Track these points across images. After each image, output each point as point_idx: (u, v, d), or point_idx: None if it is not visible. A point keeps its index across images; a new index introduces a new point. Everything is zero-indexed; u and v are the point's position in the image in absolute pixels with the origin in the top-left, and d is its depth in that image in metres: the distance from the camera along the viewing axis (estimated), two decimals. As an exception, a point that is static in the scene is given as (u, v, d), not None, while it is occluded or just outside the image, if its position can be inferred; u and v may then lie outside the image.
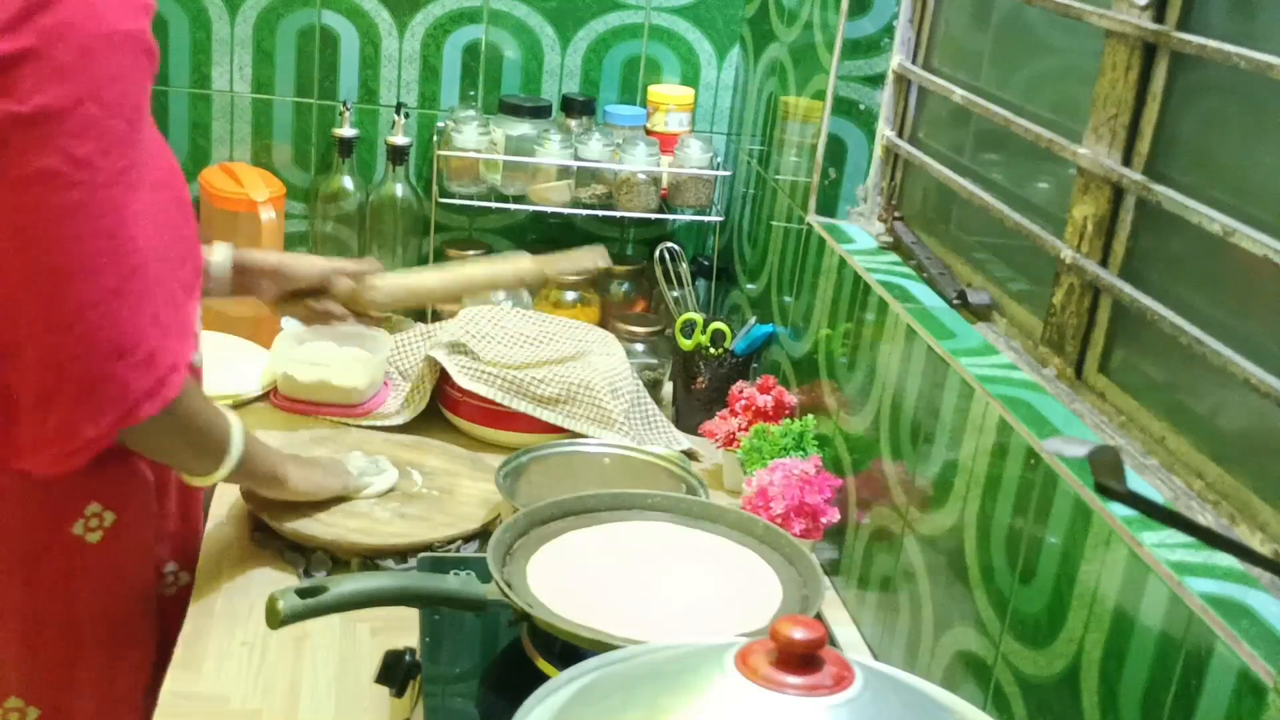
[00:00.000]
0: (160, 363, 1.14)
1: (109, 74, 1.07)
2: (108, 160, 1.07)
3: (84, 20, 1.05)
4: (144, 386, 1.13)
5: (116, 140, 1.08)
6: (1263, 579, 0.93)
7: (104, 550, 1.27)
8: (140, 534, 1.31)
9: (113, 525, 1.27)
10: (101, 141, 1.07)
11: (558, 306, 2.13)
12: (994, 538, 1.19)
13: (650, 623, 1.11)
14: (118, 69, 1.08)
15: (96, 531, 1.26)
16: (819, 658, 0.75)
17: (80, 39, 1.05)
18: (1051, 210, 1.35)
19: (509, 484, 1.53)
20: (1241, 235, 1.00)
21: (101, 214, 1.08)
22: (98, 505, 1.26)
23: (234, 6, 2.10)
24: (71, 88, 1.05)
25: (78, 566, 1.26)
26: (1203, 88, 1.14)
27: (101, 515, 1.26)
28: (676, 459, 1.64)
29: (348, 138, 2.10)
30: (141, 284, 1.12)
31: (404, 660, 1.19)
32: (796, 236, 1.83)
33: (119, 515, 1.28)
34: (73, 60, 1.05)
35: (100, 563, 1.27)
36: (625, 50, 2.21)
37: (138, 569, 1.33)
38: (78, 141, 1.06)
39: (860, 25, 1.71)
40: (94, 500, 1.26)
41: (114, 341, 1.10)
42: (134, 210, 1.11)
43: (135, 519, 1.30)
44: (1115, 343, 1.23)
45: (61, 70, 1.04)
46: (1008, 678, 1.14)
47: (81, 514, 1.25)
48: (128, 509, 1.29)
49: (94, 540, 1.26)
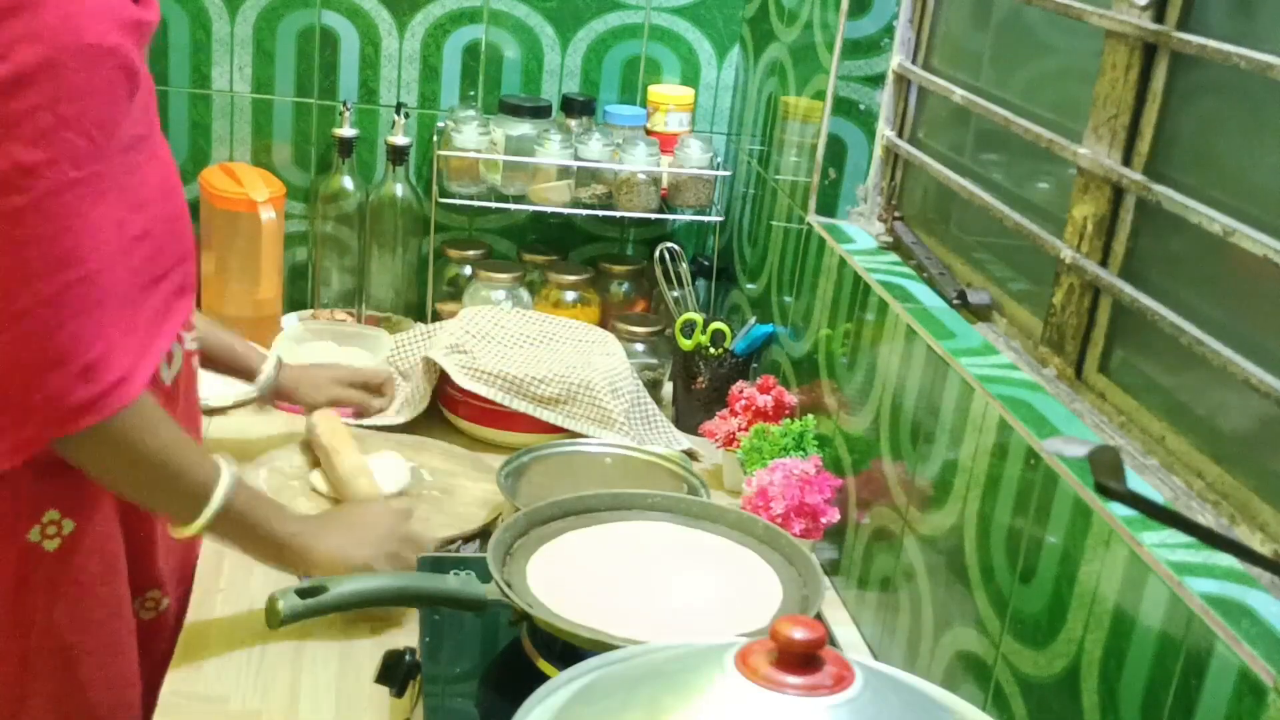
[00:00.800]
0: (102, 376, 1.12)
1: (74, 87, 1.06)
2: (55, 171, 1.06)
3: (57, 31, 1.05)
4: (81, 397, 1.11)
5: (69, 153, 1.07)
6: (1263, 579, 0.93)
7: (61, 559, 1.23)
8: (103, 545, 1.27)
9: (71, 534, 1.23)
10: (51, 152, 1.06)
11: (558, 306, 2.13)
12: (994, 538, 1.19)
13: (650, 623, 1.11)
14: (85, 84, 1.07)
15: (54, 539, 1.22)
16: (819, 658, 0.75)
17: (47, 49, 1.04)
18: (1051, 210, 1.35)
19: (510, 484, 1.53)
20: (1241, 235, 1.00)
21: (41, 222, 1.07)
22: (56, 513, 1.22)
23: (234, 6, 2.10)
24: (30, 95, 1.04)
25: (32, 574, 1.23)
26: (1203, 88, 1.14)
27: (60, 523, 1.22)
28: (678, 459, 1.64)
29: (348, 138, 2.10)
30: (89, 295, 1.10)
31: (404, 660, 1.19)
32: (796, 236, 1.83)
33: (78, 524, 1.24)
34: (35, 68, 1.04)
35: (57, 571, 1.24)
36: (625, 50, 2.21)
37: (100, 581, 1.28)
38: (27, 149, 1.05)
39: (860, 25, 1.71)
40: (53, 507, 1.22)
41: (47, 350, 1.09)
42: (88, 222, 1.09)
43: (97, 530, 1.26)
44: (1115, 343, 1.23)
45: (21, 78, 1.04)
46: (1008, 678, 1.14)
47: (39, 520, 1.21)
48: (89, 519, 1.25)
49: (51, 548, 1.22)
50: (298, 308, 2.21)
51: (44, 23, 1.04)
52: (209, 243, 2.07)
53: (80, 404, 1.12)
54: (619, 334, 2.01)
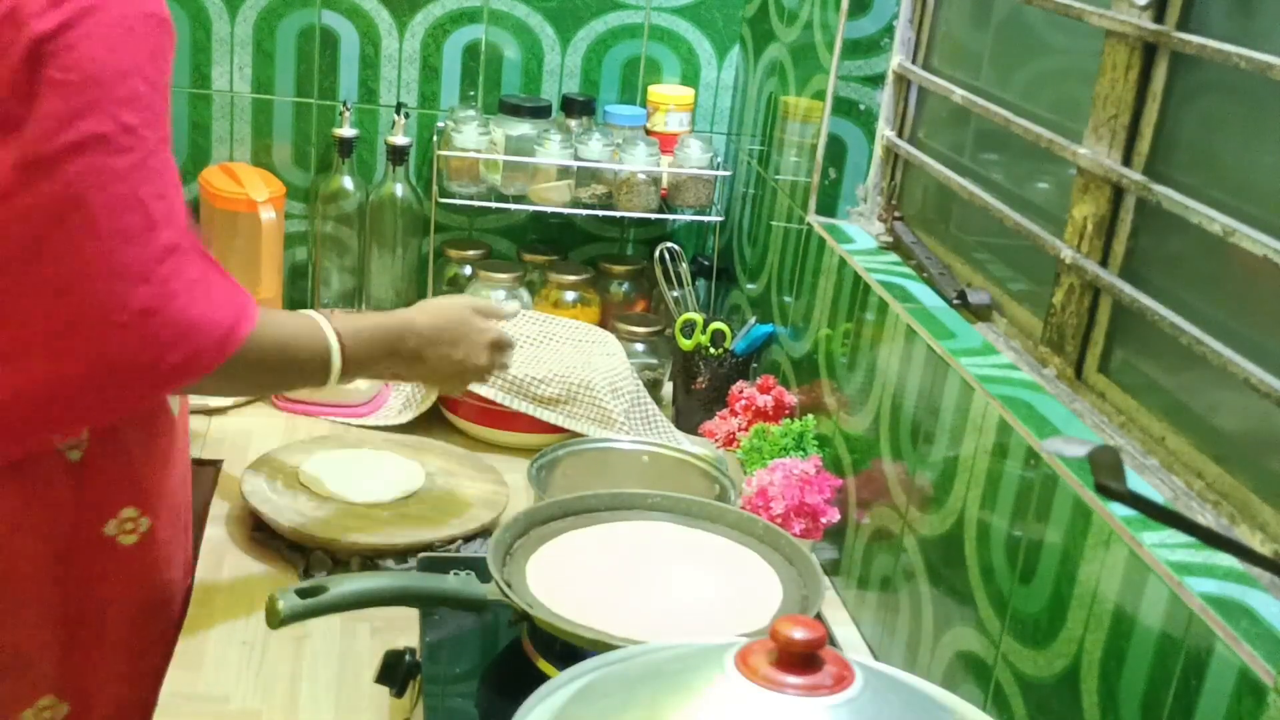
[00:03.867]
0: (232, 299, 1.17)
1: (149, 50, 1.11)
2: (151, 130, 1.11)
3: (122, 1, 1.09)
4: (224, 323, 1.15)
5: (157, 114, 1.12)
6: (1263, 579, 0.93)
7: (136, 554, 1.27)
8: (172, 540, 1.32)
9: (148, 531, 1.28)
10: (144, 113, 1.10)
11: (558, 306, 2.13)
12: (994, 538, 1.19)
13: (650, 623, 1.11)
14: (157, 46, 1.12)
15: (131, 535, 1.26)
16: (819, 658, 0.75)
17: (123, 16, 1.09)
18: (1051, 210, 1.35)
19: (542, 477, 1.52)
20: (1241, 235, 1.00)
21: (152, 177, 1.11)
22: (134, 510, 1.26)
23: (234, 6, 2.10)
24: (119, 59, 1.08)
25: (110, 570, 1.26)
26: (1203, 88, 1.14)
27: (137, 520, 1.26)
28: (713, 459, 1.63)
29: (348, 138, 2.10)
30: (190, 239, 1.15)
31: (404, 660, 1.19)
32: (796, 236, 1.83)
33: (154, 522, 1.28)
34: (119, 35, 1.08)
35: (131, 567, 1.28)
36: (625, 50, 2.21)
37: (167, 576, 1.33)
38: (126, 110, 1.09)
39: (860, 25, 1.71)
40: (130, 504, 1.26)
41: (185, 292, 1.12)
42: (173, 174, 1.15)
43: (169, 526, 1.31)
44: (1115, 343, 1.23)
45: (109, 43, 1.08)
46: (1008, 678, 1.14)
47: (115, 515, 1.25)
48: (162, 516, 1.29)
49: (127, 543, 1.26)
50: (298, 308, 2.20)
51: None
52: (209, 243, 2.07)
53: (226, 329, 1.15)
54: (619, 334, 2.01)
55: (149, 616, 1.33)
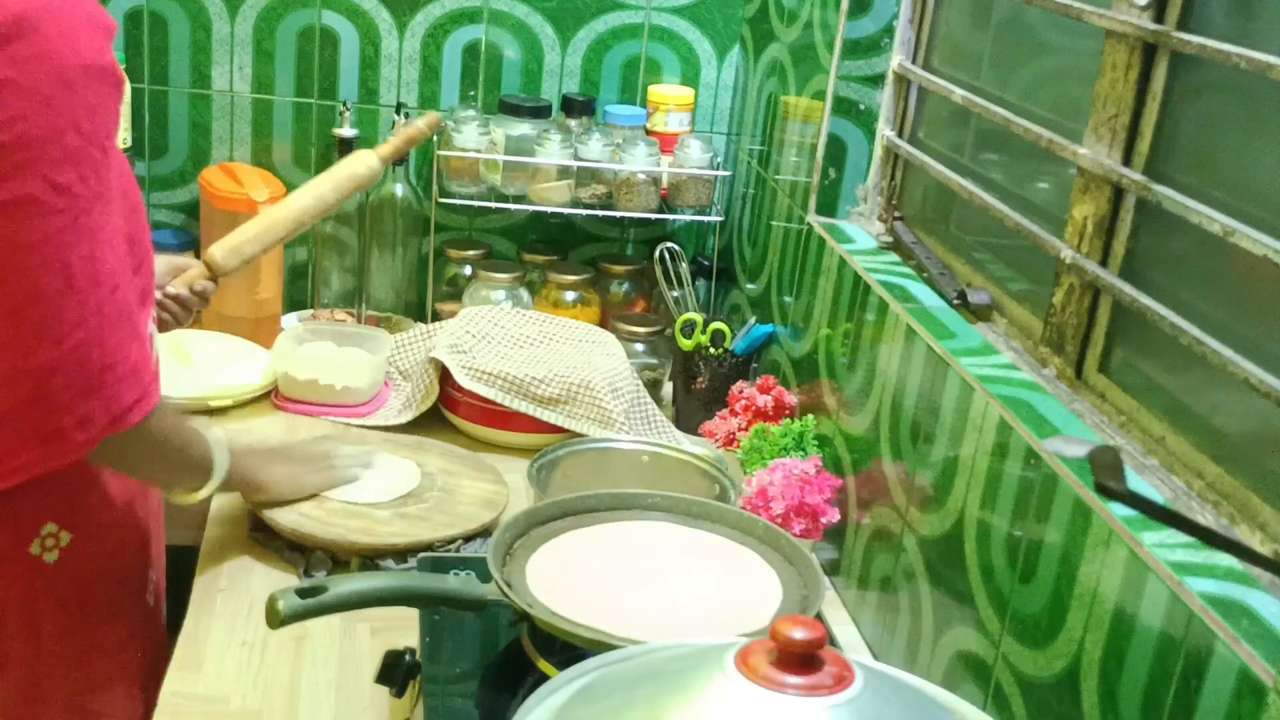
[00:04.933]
0: (143, 375, 1.18)
1: (87, 104, 1.09)
2: (85, 187, 1.10)
3: (61, 52, 1.07)
4: (131, 397, 1.17)
5: (93, 167, 1.10)
6: (1263, 579, 0.93)
7: (60, 570, 1.26)
8: (99, 550, 1.30)
9: (69, 545, 1.27)
10: (80, 169, 1.09)
11: (557, 306, 2.13)
12: (994, 538, 1.19)
13: (650, 623, 1.11)
14: (95, 99, 1.10)
15: (53, 551, 1.26)
16: (819, 658, 0.75)
17: (60, 70, 1.07)
18: (1051, 210, 1.35)
19: (542, 477, 1.52)
20: (1241, 235, 1.00)
21: (80, 239, 1.10)
22: (54, 525, 1.25)
23: (234, 6, 2.10)
24: (53, 117, 1.07)
25: (38, 587, 1.26)
26: (1203, 88, 1.14)
27: (58, 535, 1.26)
28: (713, 459, 1.63)
29: (348, 138, 2.09)
30: (121, 301, 1.15)
31: (404, 660, 1.19)
32: (796, 236, 1.83)
33: (74, 535, 1.27)
34: (53, 90, 1.07)
35: (58, 582, 1.27)
36: (625, 50, 2.21)
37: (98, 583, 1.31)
38: (58, 169, 1.08)
39: (860, 25, 1.71)
40: (50, 520, 1.25)
41: (100, 358, 1.13)
42: (108, 232, 1.13)
43: (92, 538, 1.29)
44: (1115, 343, 1.23)
45: (44, 100, 1.06)
46: (1008, 678, 1.14)
47: (38, 534, 1.24)
48: (84, 529, 1.28)
49: (50, 560, 1.25)
50: (298, 308, 2.21)
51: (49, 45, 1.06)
52: (209, 243, 2.06)
53: (131, 403, 1.17)
54: (619, 334, 2.01)
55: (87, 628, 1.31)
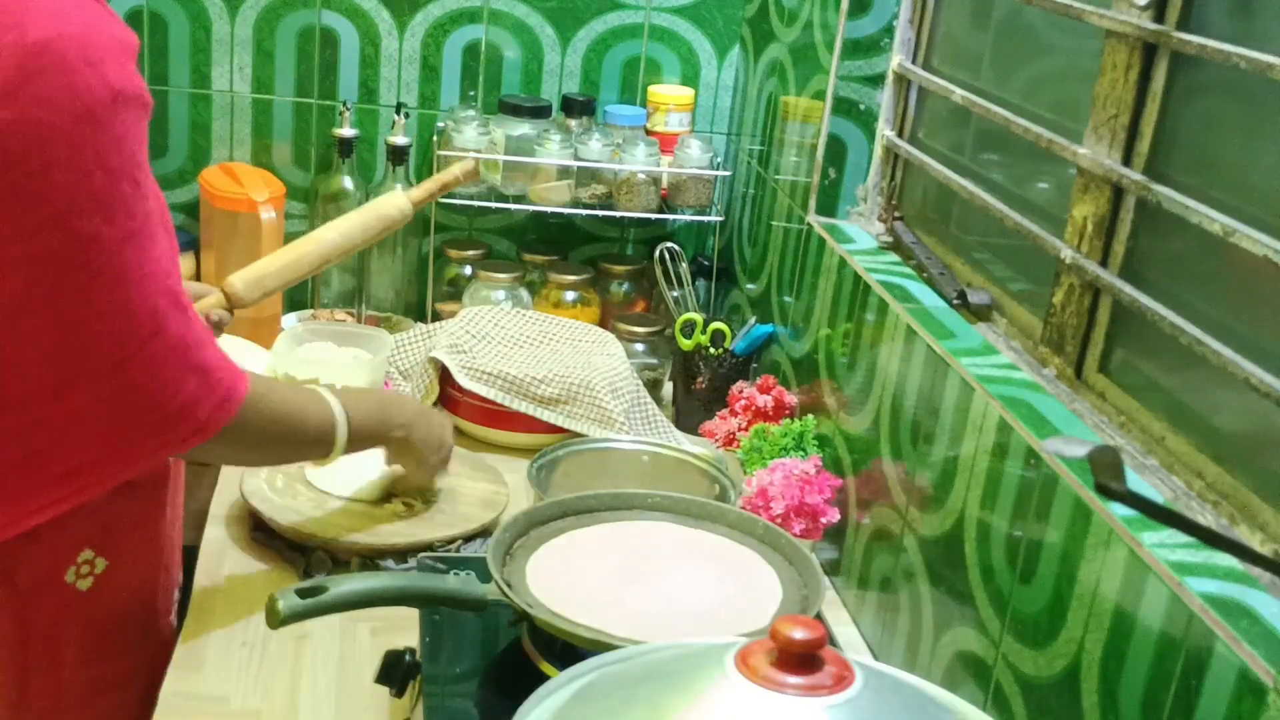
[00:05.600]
0: (218, 375, 1.14)
1: (114, 137, 1.02)
2: (114, 228, 1.04)
3: (91, 84, 1.00)
4: (211, 402, 1.13)
5: (122, 203, 1.04)
6: (1263, 579, 0.93)
7: (92, 598, 1.23)
8: (133, 577, 1.28)
9: (104, 572, 1.24)
10: (106, 211, 1.03)
11: (558, 306, 2.13)
12: (994, 538, 1.19)
13: (650, 623, 1.11)
14: (122, 129, 1.03)
15: (87, 579, 1.23)
16: (819, 658, 0.75)
17: (90, 105, 1.00)
18: (1051, 210, 1.35)
19: (542, 477, 1.52)
20: (1241, 235, 1.00)
21: (114, 285, 1.05)
22: (90, 552, 1.22)
23: (234, 6, 2.10)
24: (78, 158, 1.00)
25: (67, 616, 1.23)
26: (1203, 88, 1.14)
27: (93, 562, 1.23)
28: (713, 459, 1.63)
29: (348, 138, 2.10)
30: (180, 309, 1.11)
31: (404, 660, 1.19)
32: (796, 236, 1.83)
33: (110, 562, 1.24)
34: (79, 128, 1.00)
35: (89, 610, 1.24)
36: (625, 50, 2.21)
37: (130, 612, 1.29)
38: (84, 218, 1.02)
39: (860, 25, 1.71)
40: (88, 546, 1.22)
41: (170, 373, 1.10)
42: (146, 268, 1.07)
43: (128, 564, 1.26)
44: (1115, 343, 1.23)
45: (68, 141, 1.00)
46: (1008, 678, 1.14)
47: (75, 561, 1.21)
48: (121, 555, 1.25)
49: (84, 588, 1.23)
50: (298, 308, 2.21)
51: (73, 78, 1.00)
52: (209, 243, 2.07)
53: (214, 408, 1.14)
54: (619, 334, 2.01)
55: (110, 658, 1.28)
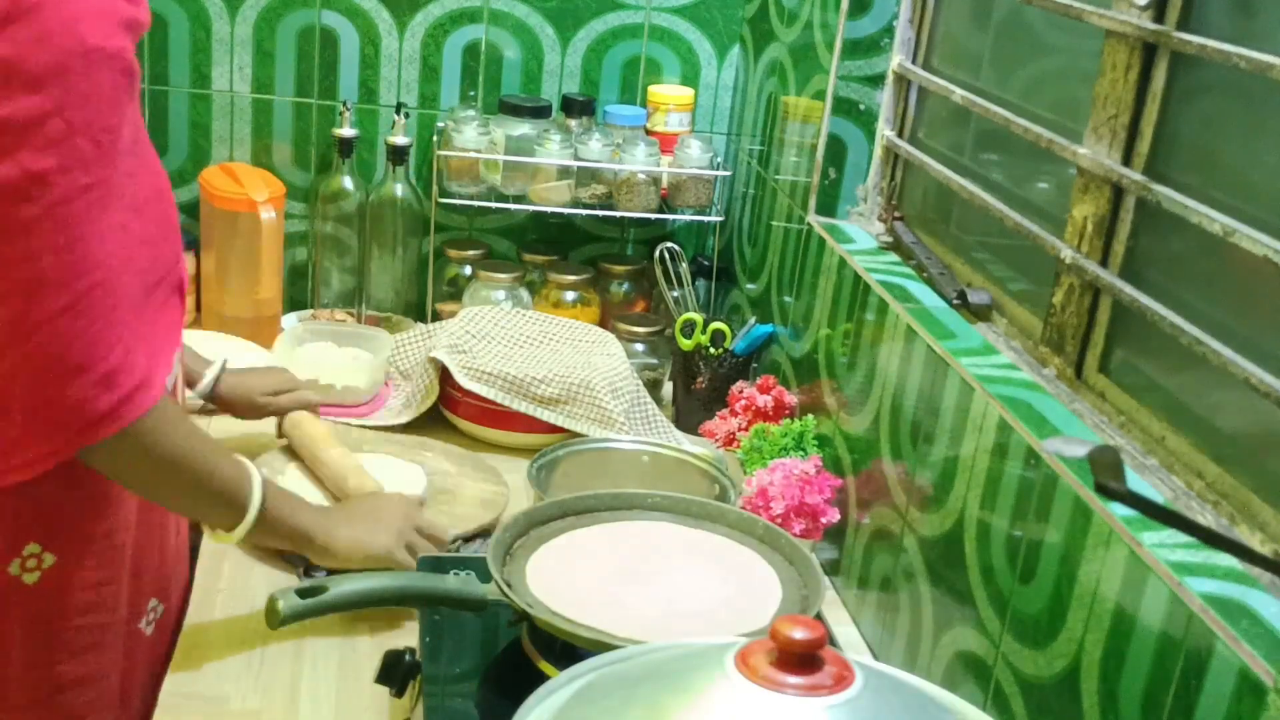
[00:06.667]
0: (123, 382, 1.11)
1: (81, 92, 1.04)
2: (67, 178, 1.05)
3: (61, 34, 1.03)
4: (104, 405, 1.10)
5: (79, 159, 1.06)
6: (1263, 579, 0.93)
7: (39, 593, 1.21)
8: (87, 580, 1.23)
9: (51, 568, 1.21)
10: (63, 159, 1.04)
11: (558, 306, 2.13)
12: (994, 538, 1.19)
13: (650, 623, 1.11)
14: (91, 88, 1.05)
15: (34, 573, 1.20)
16: (819, 658, 0.75)
17: (55, 53, 1.02)
18: (1051, 210, 1.35)
19: (542, 477, 1.52)
20: (1241, 235, 1.00)
21: (56, 230, 1.05)
22: (36, 546, 1.19)
23: (234, 6, 2.10)
24: (39, 101, 1.03)
25: (11, 606, 1.20)
26: (1203, 88, 1.14)
27: (40, 556, 1.20)
28: (713, 459, 1.63)
29: (348, 138, 2.10)
30: (104, 302, 1.09)
31: (404, 660, 1.19)
32: (796, 236, 1.83)
33: (59, 559, 1.21)
34: (44, 74, 1.02)
35: (35, 606, 1.21)
36: (625, 50, 2.21)
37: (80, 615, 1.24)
38: (38, 156, 1.03)
39: (860, 25, 1.71)
40: (33, 540, 1.19)
41: (67, 359, 1.08)
42: (99, 229, 1.08)
43: (83, 566, 1.23)
44: (1115, 343, 1.23)
45: (32, 82, 1.02)
46: (1008, 678, 1.14)
47: (19, 553, 1.19)
48: (72, 555, 1.22)
49: (30, 581, 1.20)
50: (298, 308, 2.21)
51: (47, 27, 1.02)
52: (209, 243, 2.07)
53: (104, 411, 1.10)
54: (619, 334, 2.01)
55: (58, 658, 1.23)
